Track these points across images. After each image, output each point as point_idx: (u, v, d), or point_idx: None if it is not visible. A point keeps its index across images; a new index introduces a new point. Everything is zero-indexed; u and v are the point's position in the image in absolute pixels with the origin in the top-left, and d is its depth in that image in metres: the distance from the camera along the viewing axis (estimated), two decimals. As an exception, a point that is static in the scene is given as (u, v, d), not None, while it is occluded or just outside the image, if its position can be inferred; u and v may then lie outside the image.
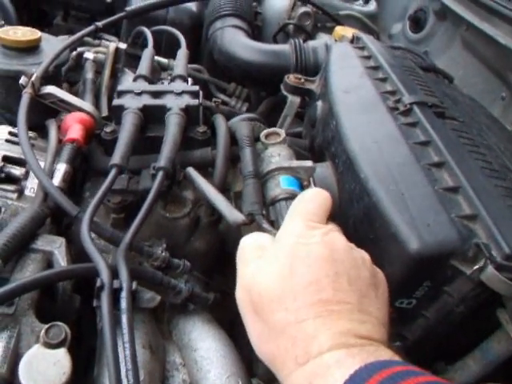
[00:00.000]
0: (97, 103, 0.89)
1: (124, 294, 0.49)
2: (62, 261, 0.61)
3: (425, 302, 0.62)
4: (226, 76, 1.23)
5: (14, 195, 0.68)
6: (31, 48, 0.85)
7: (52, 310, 0.62)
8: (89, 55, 0.96)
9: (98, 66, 0.96)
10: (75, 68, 1.02)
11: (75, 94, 0.97)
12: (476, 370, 0.64)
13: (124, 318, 0.47)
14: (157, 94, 0.78)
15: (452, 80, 1.17)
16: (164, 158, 0.66)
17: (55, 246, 0.62)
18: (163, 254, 0.65)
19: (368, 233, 0.63)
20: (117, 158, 0.65)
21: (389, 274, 0.60)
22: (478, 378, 0.64)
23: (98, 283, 0.50)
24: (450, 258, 0.57)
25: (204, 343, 0.61)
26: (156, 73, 1.06)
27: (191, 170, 0.67)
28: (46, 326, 0.52)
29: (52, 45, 0.88)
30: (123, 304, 0.49)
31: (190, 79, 1.00)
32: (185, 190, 0.71)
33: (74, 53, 1.00)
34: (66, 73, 0.99)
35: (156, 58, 1.08)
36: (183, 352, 0.62)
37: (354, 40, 0.98)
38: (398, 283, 0.60)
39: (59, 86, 0.88)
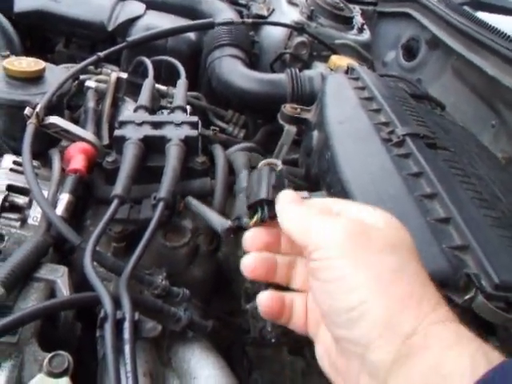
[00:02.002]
0: (98, 132, 0.91)
1: (127, 325, 0.51)
2: (64, 289, 0.62)
3: (418, 331, 0.64)
4: (224, 103, 1.26)
5: (18, 224, 0.69)
6: (35, 78, 0.87)
7: (54, 338, 0.63)
8: (91, 84, 0.98)
9: (100, 95, 0.99)
10: (76, 94, 1.05)
11: (76, 120, 1.00)
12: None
13: (127, 349, 0.49)
14: (157, 125, 0.80)
15: (444, 107, 1.20)
16: (164, 189, 0.68)
17: (58, 275, 0.63)
18: (163, 282, 0.66)
19: (362, 263, 0.66)
20: (119, 189, 0.67)
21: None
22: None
23: (102, 314, 0.51)
24: (441, 288, 0.59)
25: (203, 371, 0.62)
26: (156, 101, 1.08)
27: (191, 199, 0.70)
28: (49, 354, 0.53)
29: (55, 74, 0.90)
30: (126, 334, 0.50)
31: (188, 106, 1.03)
32: (184, 220, 0.73)
33: (76, 81, 1.03)
34: (69, 100, 1.01)
35: (156, 85, 1.11)
36: (183, 379, 0.63)
37: (348, 71, 1.01)
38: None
39: (62, 114, 0.91)
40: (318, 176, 0.84)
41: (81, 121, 0.95)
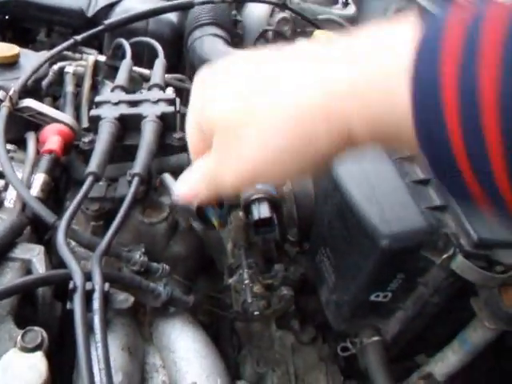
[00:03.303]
0: (77, 115, 0.90)
1: (96, 295, 0.50)
2: (40, 268, 0.62)
3: (401, 295, 0.63)
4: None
5: (-6, 207, 0.69)
6: (10, 63, 0.86)
7: (33, 317, 0.63)
8: (69, 69, 0.97)
9: (79, 79, 0.98)
10: (58, 82, 1.04)
11: (58, 107, 0.99)
12: (455, 361, 0.65)
13: (96, 319, 0.48)
14: (134, 104, 0.79)
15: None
16: (139, 164, 0.67)
17: (34, 254, 0.63)
18: (141, 258, 0.66)
19: (341, 229, 0.64)
20: (93, 165, 0.66)
21: (363, 267, 0.62)
22: (458, 368, 0.65)
23: (71, 286, 0.51)
24: (420, 250, 0.58)
25: (183, 344, 0.62)
26: (138, 84, 1.07)
27: (166, 177, 0.69)
28: (23, 330, 0.53)
29: (31, 60, 0.89)
30: (95, 305, 0.49)
31: (171, 88, 1.01)
32: (162, 196, 0.73)
33: (56, 67, 1.01)
34: (48, 87, 1.00)
35: (138, 69, 1.10)
36: (163, 354, 0.62)
37: (329, 43, 1.00)
38: (371, 277, 0.61)
39: (40, 99, 0.90)
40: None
41: (60, 105, 0.94)
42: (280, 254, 0.79)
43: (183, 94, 1.20)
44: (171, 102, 0.80)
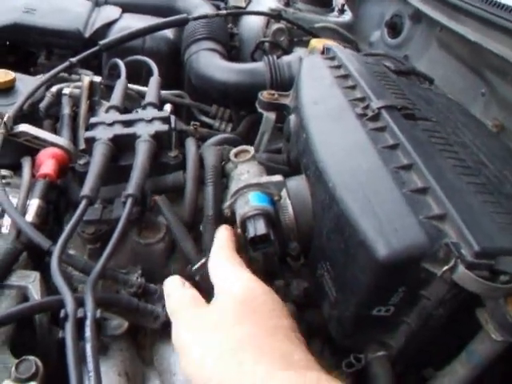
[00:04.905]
0: (74, 137, 0.90)
1: (88, 323, 0.49)
2: (36, 295, 0.61)
3: (404, 308, 0.61)
4: (208, 99, 1.24)
5: (-9, 234, 0.69)
6: (6, 89, 0.87)
7: (32, 344, 0.62)
8: (65, 91, 0.97)
9: (76, 101, 0.98)
10: (58, 104, 1.04)
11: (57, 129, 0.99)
12: (464, 374, 0.62)
13: (88, 347, 0.47)
14: (128, 123, 0.79)
15: (432, 81, 1.17)
16: (132, 184, 0.66)
17: (29, 281, 0.63)
18: (138, 280, 0.65)
19: (339, 242, 0.63)
20: (86, 189, 0.66)
21: (362, 282, 0.60)
22: (467, 382, 0.63)
23: (62, 314, 0.50)
24: (420, 261, 0.56)
25: (182, 367, 0.61)
26: (135, 101, 1.07)
27: (160, 200, 0.69)
28: (17, 360, 0.52)
29: (27, 84, 0.90)
30: (87, 332, 0.49)
31: (169, 105, 1.01)
32: (159, 215, 0.72)
33: (54, 89, 1.02)
34: (47, 109, 1.01)
35: (135, 86, 1.10)
36: (163, 377, 0.61)
37: (324, 51, 0.99)
38: (371, 291, 0.59)
39: (39, 123, 0.90)
40: (297, 159, 0.82)
41: (58, 128, 0.94)
42: (283, 268, 0.78)
43: (182, 110, 1.21)
44: (166, 120, 0.80)
